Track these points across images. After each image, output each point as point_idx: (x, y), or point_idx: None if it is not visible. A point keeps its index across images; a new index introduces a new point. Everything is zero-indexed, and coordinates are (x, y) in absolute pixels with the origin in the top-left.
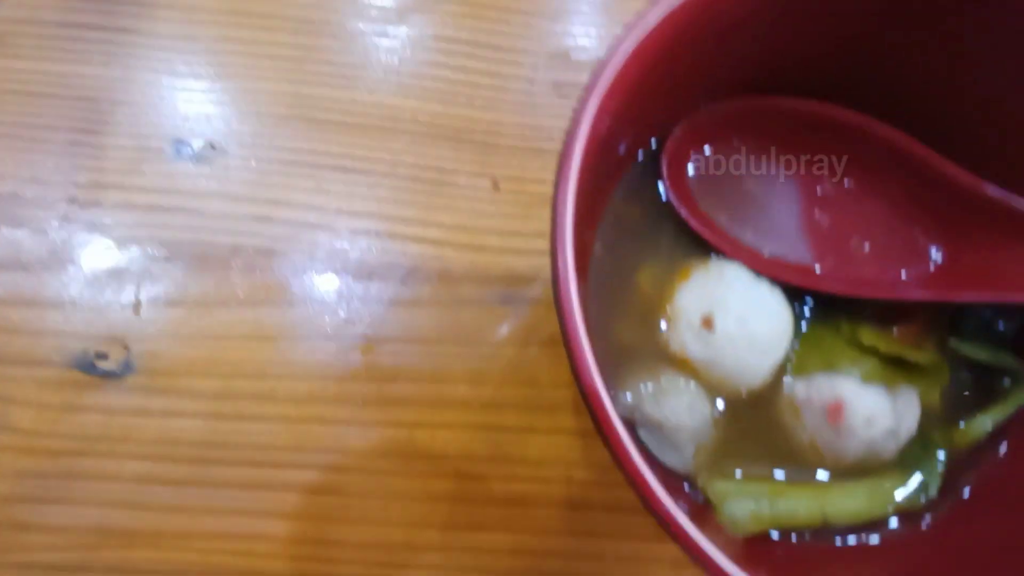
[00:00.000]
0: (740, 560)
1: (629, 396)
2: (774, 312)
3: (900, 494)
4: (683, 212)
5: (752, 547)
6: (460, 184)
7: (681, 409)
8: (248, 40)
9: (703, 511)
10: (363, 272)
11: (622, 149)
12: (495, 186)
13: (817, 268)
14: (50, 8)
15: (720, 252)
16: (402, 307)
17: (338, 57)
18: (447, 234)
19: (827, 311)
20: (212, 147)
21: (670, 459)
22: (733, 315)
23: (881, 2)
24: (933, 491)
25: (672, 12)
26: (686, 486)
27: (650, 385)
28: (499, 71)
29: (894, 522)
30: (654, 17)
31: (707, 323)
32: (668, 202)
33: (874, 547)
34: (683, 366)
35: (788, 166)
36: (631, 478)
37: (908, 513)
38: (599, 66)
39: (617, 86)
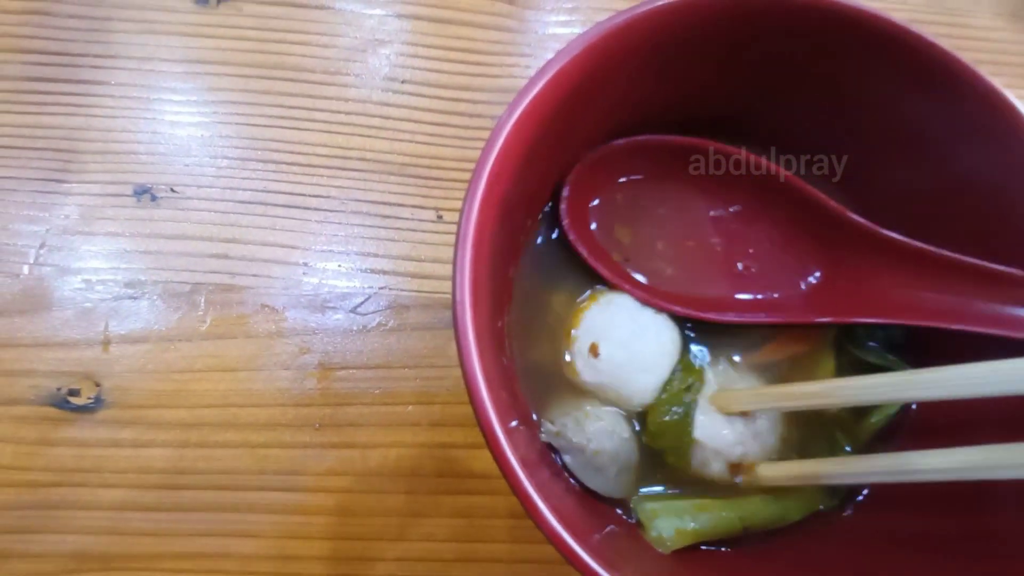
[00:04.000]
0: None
1: (554, 423)
2: (656, 336)
3: (813, 496)
4: (580, 249)
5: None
6: (405, 216)
7: (601, 434)
8: (202, 87)
9: (631, 528)
10: (316, 303)
11: (516, 215)
12: (439, 217)
13: (708, 291)
14: (14, 63)
15: (613, 285)
16: (354, 335)
17: (289, 100)
18: (394, 264)
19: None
20: (172, 190)
21: (594, 482)
22: (616, 342)
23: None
24: (842, 490)
25: (557, 73)
26: (618, 510)
27: (571, 412)
28: (441, 108)
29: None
30: (540, 80)
31: (594, 350)
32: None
33: (786, 545)
34: (585, 391)
35: (681, 198)
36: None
37: (818, 513)
38: (496, 125)
39: (511, 143)
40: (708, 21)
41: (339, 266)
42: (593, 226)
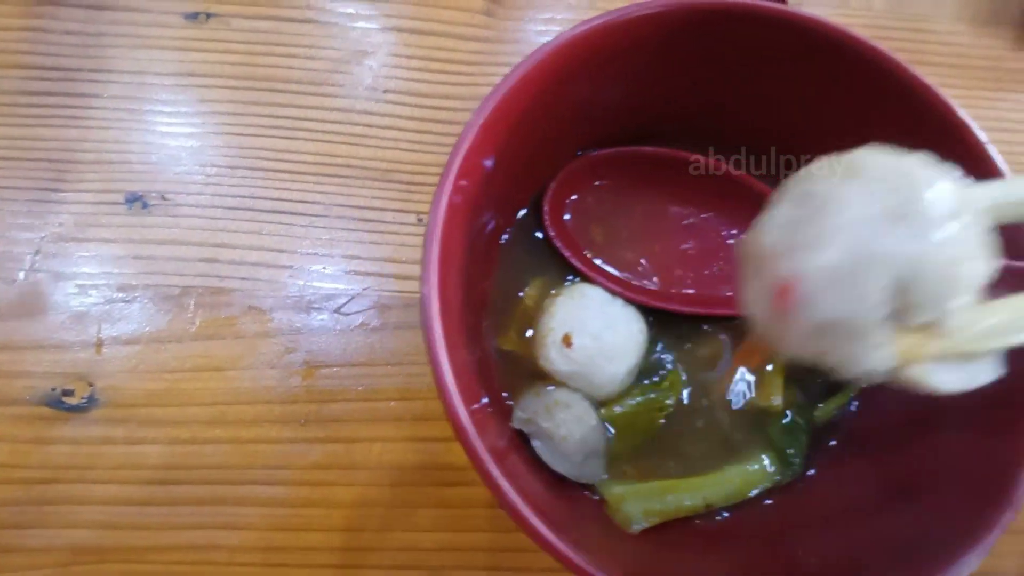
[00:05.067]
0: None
1: (525, 411)
2: (626, 327)
3: (770, 472)
4: (559, 245)
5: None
6: (388, 220)
7: (570, 421)
8: (192, 99)
9: (599, 510)
10: (302, 304)
11: (488, 214)
12: (419, 220)
13: (681, 288)
14: (12, 78)
15: (589, 278)
16: (338, 334)
17: (276, 111)
18: (377, 266)
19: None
20: (163, 198)
21: (563, 467)
22: (588, 333)
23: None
24: (799, 465)
25: (521, 77)
26: (587, 493)
27: (542, 400)
28: (422, 116)
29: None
30: (502, 88)
31: (567, 341)
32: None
33: (744, 518)
34: (558, 380)
35: (656, 203)
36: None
37: (775, 487)
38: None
39: (476, 148)
40: (673, 31)
41: (324, 268)
42: (571, 226)
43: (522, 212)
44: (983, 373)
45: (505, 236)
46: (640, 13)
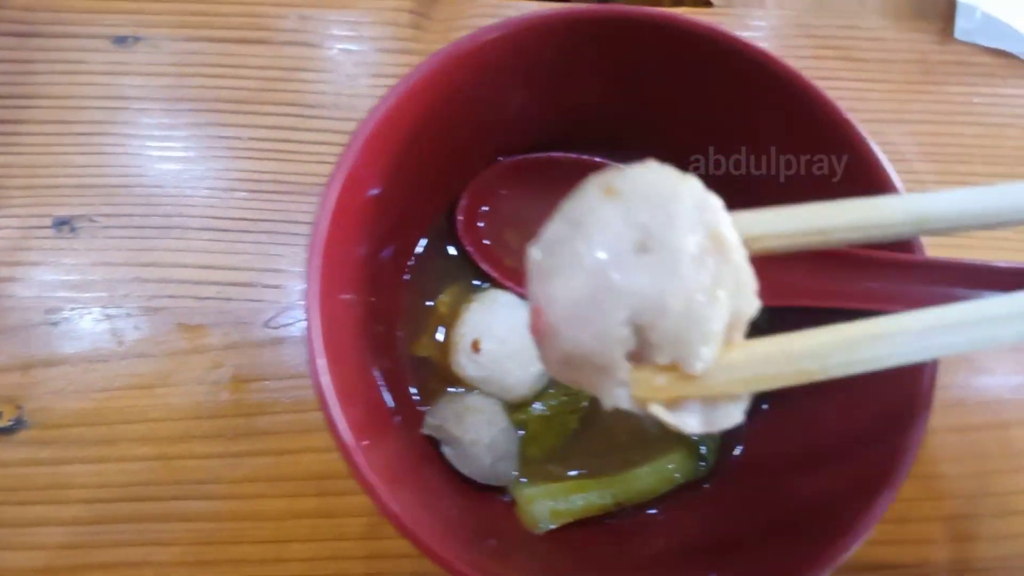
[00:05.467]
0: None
1: (435, 416)
2: None
3: (681, 469)
4: (470, 251)
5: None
6: None
7: (478, 425)
8: (121, 122)
9: (509, 512)
10: (230, 320)
11: (392, 224)
12: None
13: None
14: None
15: (501, 285)
16: (266, 348)
17: (205, 130)
18: (305, 280)
19: None
20: (90, 220)
21: (472, 471)
22: (496, 338)
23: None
24: (712, 460)
25: (407, 91)
26: (498, 496)
27: (453, 405)
28: (350, 130)
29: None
30: (391, 97)
31: (475, 346)
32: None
33: (654, 516)
34: (470, 384)
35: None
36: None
37: (683, 485)
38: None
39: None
40: (564, 41)
41: (252, 283)
42: (486, 232)
43: (436, 219)
44: (726, 418)
45: (419, 245)
46: (525, 25)
